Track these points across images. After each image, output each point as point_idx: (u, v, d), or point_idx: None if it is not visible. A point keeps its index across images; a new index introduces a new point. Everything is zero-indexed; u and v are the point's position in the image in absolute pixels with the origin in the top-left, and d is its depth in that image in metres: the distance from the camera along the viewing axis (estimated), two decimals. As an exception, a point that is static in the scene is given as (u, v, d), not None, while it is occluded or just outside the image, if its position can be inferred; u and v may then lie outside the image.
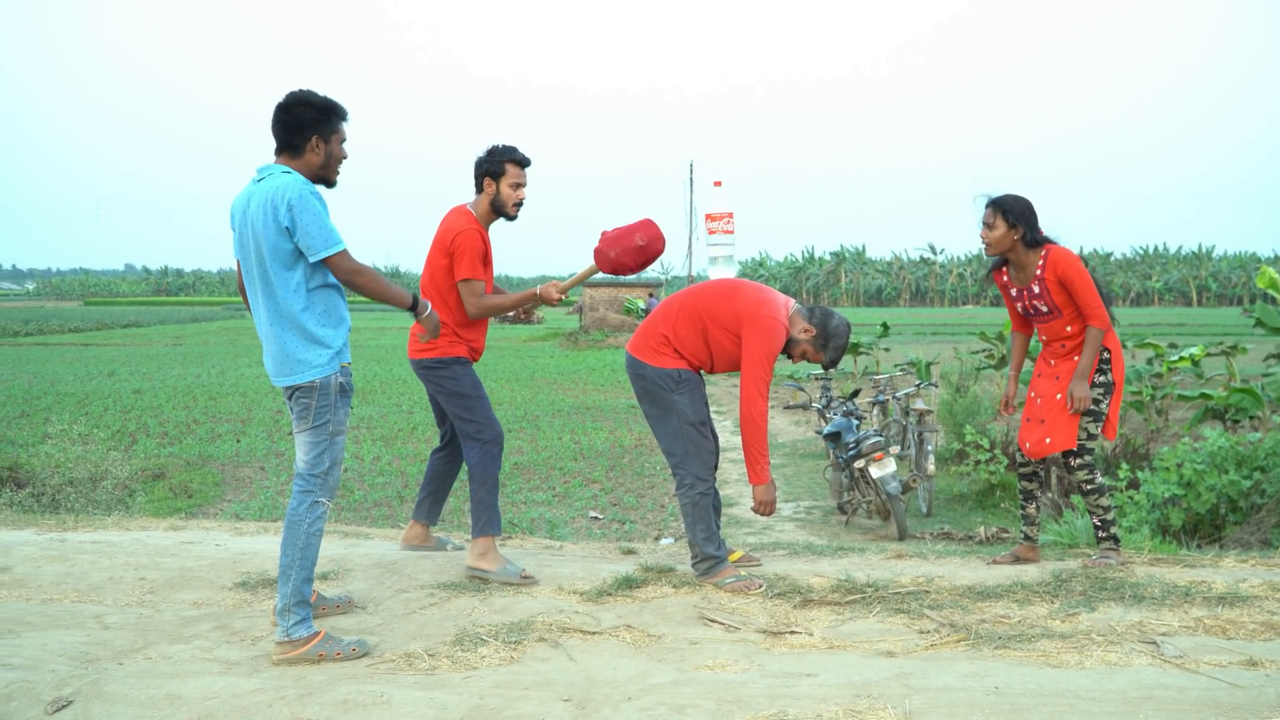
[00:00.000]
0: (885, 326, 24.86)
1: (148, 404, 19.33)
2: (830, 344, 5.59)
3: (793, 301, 5.66)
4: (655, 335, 5.58)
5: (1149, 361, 15.75)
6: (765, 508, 5.53)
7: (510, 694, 4.15)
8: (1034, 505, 5.90)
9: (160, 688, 4.22)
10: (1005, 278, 5.77)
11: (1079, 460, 5.67)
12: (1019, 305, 5.76)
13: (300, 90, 4.64)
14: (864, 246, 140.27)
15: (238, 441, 14.75)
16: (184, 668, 4.50)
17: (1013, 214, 5.56)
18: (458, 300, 5.63)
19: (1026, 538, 5.91)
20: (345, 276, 4.55)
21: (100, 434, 12.70)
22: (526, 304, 5.74)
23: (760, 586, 5.41)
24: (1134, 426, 14.46)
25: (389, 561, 5.91)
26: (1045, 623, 4.91)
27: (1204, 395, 12.89)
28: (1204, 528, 7.91)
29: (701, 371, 5.65)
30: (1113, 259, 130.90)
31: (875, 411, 12.65)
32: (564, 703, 4.08)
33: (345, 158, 4.76)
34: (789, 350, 5.59)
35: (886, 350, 25.46)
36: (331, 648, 4.57)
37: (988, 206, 5.64)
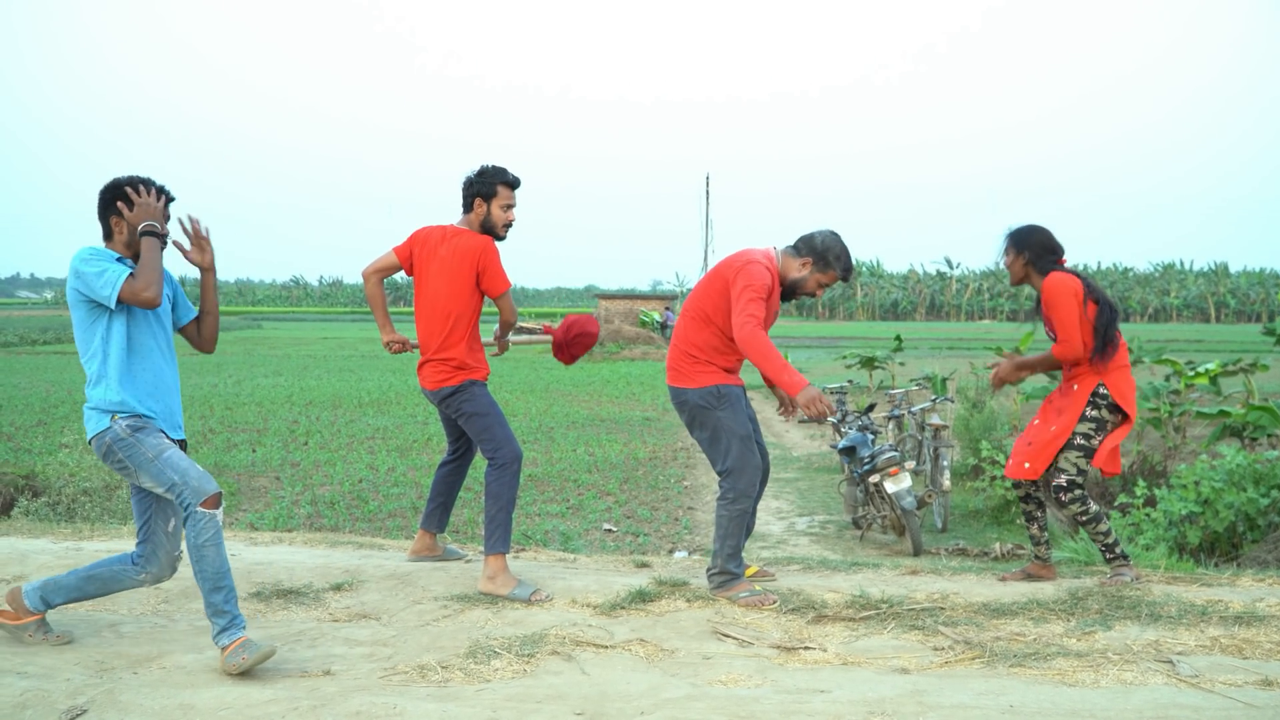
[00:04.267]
0: (900, 340, 24.82)
1: (164, 413, 19.39)
2: (830, 257, 5.59)
3: (774, 246, 5.67)
4: (683, 356, 5.61)
5: (1167, 378, 15.69)
6: (815, 404, 5.13)
7: (523, 707, 4.15)
8: (1036, 525, 5.87)
9: (174, 697, 4.24)
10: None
11: (1068, 495, 5.64)
12: (1046, 329, 5.79)
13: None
14: (878, 260, 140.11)
15: (253, 451, 14.78)
16: (198, 678, 4.51)
17: (1020, 243, 5.68)
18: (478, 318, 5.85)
19: (1037, 556, 5.89)
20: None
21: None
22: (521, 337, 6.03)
23: (774, 601, 5.40)
24: (1151, 443, 14.40)
25: (403, 573, 5.92)
26: (1061, 641, 4.90)
27: (1222, 412, 12.83)
28: (1221, 546, 7.87)
29: (743, 387, 5.66)
30: (1131, 274, 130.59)
31: (890, 426, 12.62)
32: (576, 716, 4.07)
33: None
34: (801, 290, 5.63)
35: (902, 365, 25.38)
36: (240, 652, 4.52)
37: (1005, 239, 5.77)
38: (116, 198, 4.63)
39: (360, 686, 4.39)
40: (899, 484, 9.25)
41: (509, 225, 5.84)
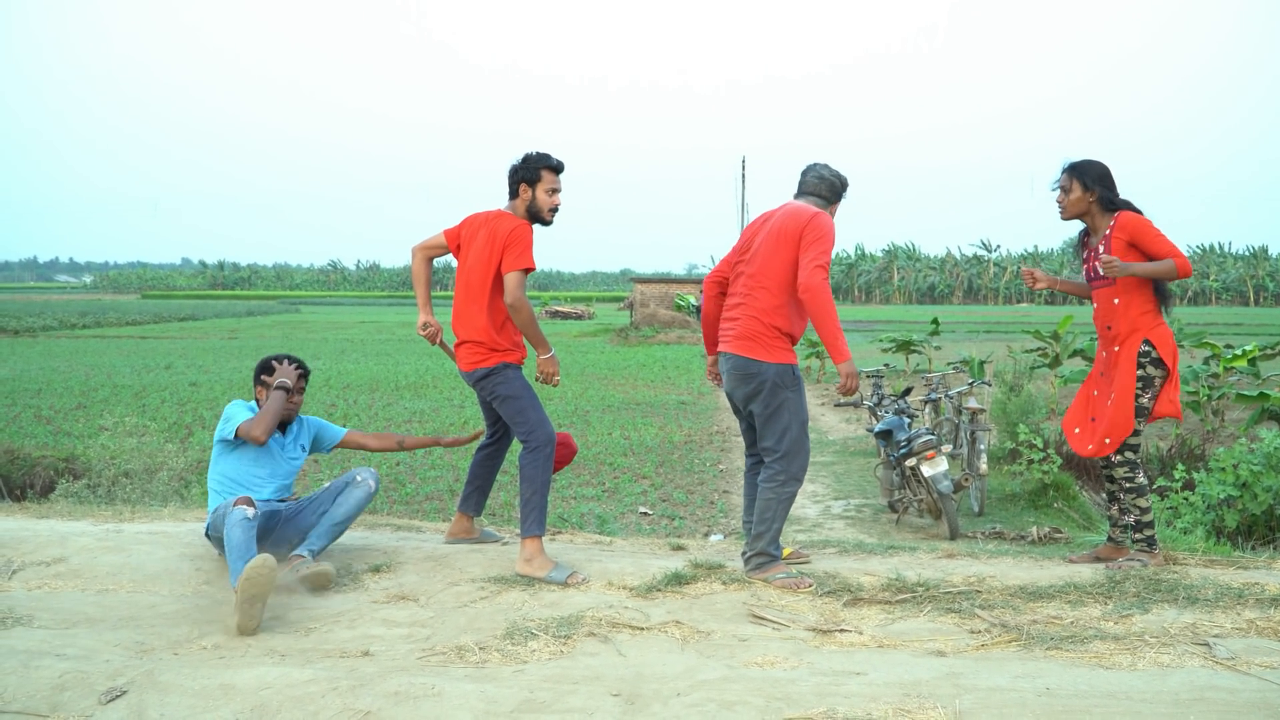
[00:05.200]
0: (937, 323, 24.70)
1: (204, 396, 19.52)
2: (842, 188, 5.78)
3: (798, 201, 5.72)
4: (766, 328, 5.52)
5: (1206, 361, 15.57)
6: (852, 379, 5.46)
7: (560, 688, 4.17)
8: (1118, 506, 5.76)
9: (214, 678, 4.27)
10: (1088, 239, 5.74)
11: (1120, 457, 5.59)
12: (1085, 267, 5.75)
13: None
14: (913, 244, 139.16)
15: (291, 434, 14.89)
16: (238, 658, 4.56)
17: (1089, 177, 5.58)
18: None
19: (1110, 539, 5.82)
20: None
21: (156, 426, 12.86)
22: (539, 344, 5.81)
23: (810, 584, 5.40)
24: (1190, 427, 14.30)
25: (440, 555, 5.95)
26: (1098, 624, 4.88)
27: (1262, 395, 12.74)
28: (1259, 529, 7.82)
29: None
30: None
31: (927, 410, 12.56)
32: (613, 697, 4.09)
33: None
34: None
35: (938, 348, 25.27)
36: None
37: (1064, 172, 5.67)
38: (264, 371, 6.21)
39: (399, 667, 4.42)
40: (935, 468, 9.22)
41: (555, 210, 5.81)
